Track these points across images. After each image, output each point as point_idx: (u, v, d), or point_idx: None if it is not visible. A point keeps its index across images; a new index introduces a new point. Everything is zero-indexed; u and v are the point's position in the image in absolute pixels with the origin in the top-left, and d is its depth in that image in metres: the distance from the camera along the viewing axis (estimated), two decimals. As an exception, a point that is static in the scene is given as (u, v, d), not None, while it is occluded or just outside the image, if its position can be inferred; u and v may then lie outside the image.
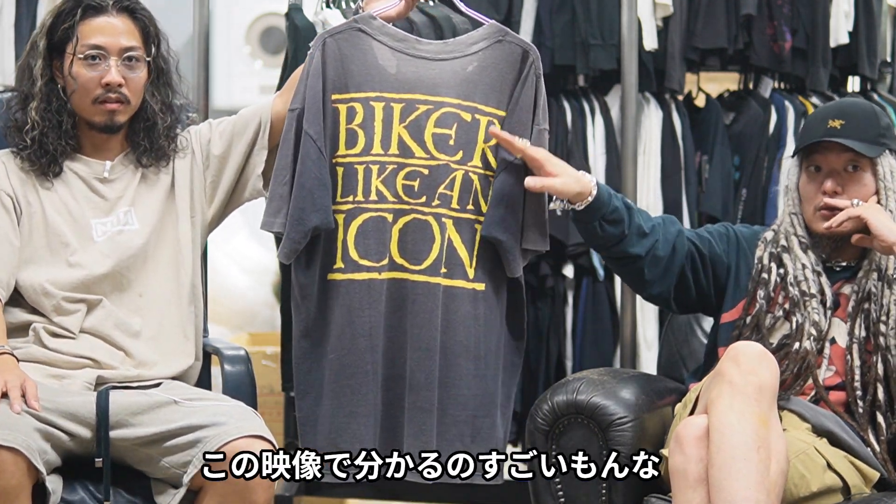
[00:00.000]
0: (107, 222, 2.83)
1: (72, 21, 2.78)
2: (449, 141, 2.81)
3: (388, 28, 2.85)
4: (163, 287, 2.84)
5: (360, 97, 2.82)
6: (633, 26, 3.68)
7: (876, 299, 2.86)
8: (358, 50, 2.83)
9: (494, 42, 2.86)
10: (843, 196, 2.90)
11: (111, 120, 2.82)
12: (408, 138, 2.82)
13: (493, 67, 2.85)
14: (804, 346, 2.84)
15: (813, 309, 2.87)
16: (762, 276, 2.94)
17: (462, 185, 2.82)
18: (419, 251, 2.81)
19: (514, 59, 2.85)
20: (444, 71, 2.84)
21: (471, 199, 2.82)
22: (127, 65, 2.81)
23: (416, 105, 2.82)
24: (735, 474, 2.52)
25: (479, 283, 2.84)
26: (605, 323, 3.83)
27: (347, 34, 2.84)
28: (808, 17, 3.91)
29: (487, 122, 2.83)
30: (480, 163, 2.83)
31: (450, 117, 2.82)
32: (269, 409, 4.29)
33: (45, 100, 2.80)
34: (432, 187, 2.81)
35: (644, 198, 3.84)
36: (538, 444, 2.75)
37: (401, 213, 2.82)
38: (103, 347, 2.76)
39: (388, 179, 2.81)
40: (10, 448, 2.43)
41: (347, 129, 2.82)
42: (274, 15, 5.71)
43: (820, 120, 2.94)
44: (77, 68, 2.79)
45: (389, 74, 2.82)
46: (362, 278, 2.81)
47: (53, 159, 2.81)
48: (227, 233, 5.05)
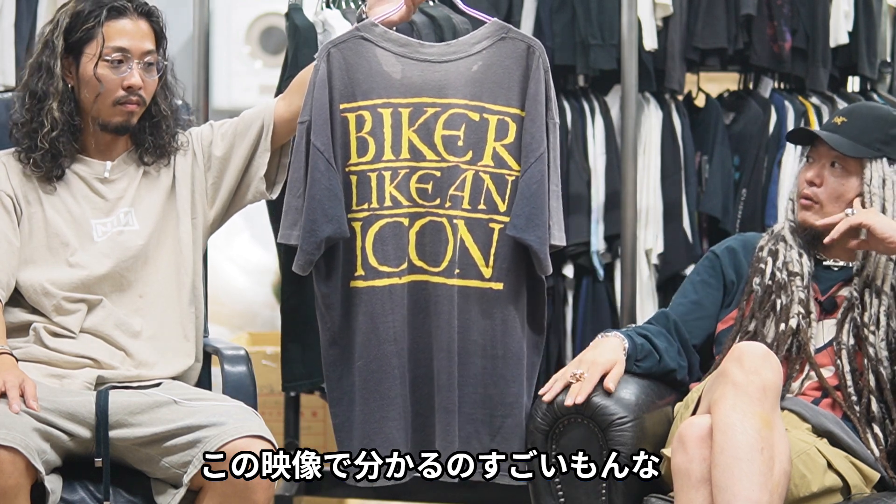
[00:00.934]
0: (107, 223, 2.83)
1: (95, 22, 2.78)
2: (458, 142, 2.82)
3: (391, 34, 2.85)
4: (163, 288, 2.84)
5: (367, 105, 2.82)
6: (633, 26, 3.69)
7: (864, 307, 2.86)
8: (362, 58, 2.83)
9: (498, 40, 2.86)
10: (822, 189, 2.92)
11: (128, 121, 2.83)
12: (418, 142, 2.82)
13: (498, 65, 2.84)
14: (790, 326, 2.85)
15: (797, 287, 2.88)
16: (759, 266, 2.96)
17: (473, 185, 2.82)
18: (437, 253, 2.82)
19: (520, 55, 2.85)
20: (450, 72, 2.84)
21: (482, 199, 2.82)
22: (146, 68, 2.82)
23: (424, 108, 2.82)
24: (738, 475, 2.52)
25: (497, 282, 2.83)
26: (604, 323, 3.83)
27: (351, 43, 2.84)
28: (808, 17, 3.91)
29: (497, 120, 2.83)
30: (492, 161, 2.83)
31: (458, 118, 2.82)
32: (269, 409, 4.29)
33: (63, 101, 2.80)
34: (444, 189, 2.82)
35: (644, 198, 3.84)
36: (538, 444, 2.75)
37: (417, 217, 2.82)
38: (103, 347, 2.77)
39: (402, 184, 2.82)
40: (8, 447, 2.43)
41: (358, 138, 2.82)
42: (274, 15, 5.71)
43: (832, 115, 3.03)
44: (101, 70, 2.79)
45: (395, 80, 2.83)
46: (383, 284, 2.82)
47: (58, 163, 2.81)
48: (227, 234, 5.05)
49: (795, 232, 2.98)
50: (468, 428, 2.83)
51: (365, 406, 2.83)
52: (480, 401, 2.84)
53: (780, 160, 3.84)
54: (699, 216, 3.94)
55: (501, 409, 2.84)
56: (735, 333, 2.91)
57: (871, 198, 2.90)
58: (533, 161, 2.81)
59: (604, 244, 3.88)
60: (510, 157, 2.83)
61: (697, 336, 2.98)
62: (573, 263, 3.89)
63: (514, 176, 2.83)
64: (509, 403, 2.84)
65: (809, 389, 2.85)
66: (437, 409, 2.82)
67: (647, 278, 3.87)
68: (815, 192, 2.94)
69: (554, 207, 2.84)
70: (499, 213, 2.83)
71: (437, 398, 2.82)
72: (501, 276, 2.84)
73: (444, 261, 2.82)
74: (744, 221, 3.88)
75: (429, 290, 2.82)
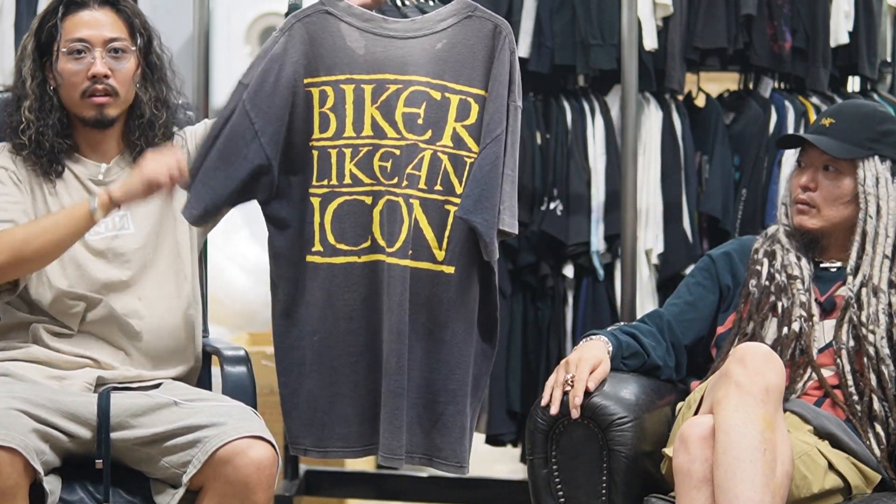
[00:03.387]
0: (101, 223, 2.82)
1: (55, 19, 2.79)
2: (418, 120, 2.79)
3: (355, 9, 2.82)
4: (162, 290, 2.84)
5: (330, 80, 2.81)
6: (633, 26, 3.68)
7: (861, 306, 2.86)
8: (326, 33, 2.81)
9: (464, 18, 2.82)
10: (818, 193, 2.92)
11: (101, 114, 2.81)
12: (380, 119, 2.79)
13: (462, 44, 2.81)
14: (793, 329, 2.85)
15: (798, 291, 2.88)
16: (755, 269, 2.95)
17: (430, 164, 2.79)
18: (392, 233, 2.79)
19: (486, 35, 2.81)
20: (413, 49, 2.80)
21: (439, 180, 2.79)
22: (113, 56, 2.80)
23: (387, 85, 2.80)
24: (741, 476, 2.52)
25: (449, 265, 2.80)
26: (605, 323, 3.82)
27: (315, 17, 2.82)
28: (808, 17, 3.90)
29: (459, 100, 2.80)
30: (451, 142, 2.80)
31: (419, 96, 2.79)
32: (269, 410, 4.27)
33: (38, 99, 2.80)
34: (402, 167, 2.79)
35: (644, 198, 3.84)
36: (538, 444, 2.75)
37: (379, 196, 2.80)
38: (104, 347, 2.77)
39: (363, 162, 2.80)
40: (6, 448, 2.43)
41: (320, 113, 2.80)
42: (274, 15, 5.72)
43: (819, 117, 3.00)
44: (63, 63, 2.79)
45: (358, 55, 2.80)
46: (341, 262, 2.81)
47: (54, 158, 2.81)
48: (226, 233, 5.05)
49: (791, 236, 2.98)
50: (412, 413, 2.82)
51: (319, 380, 2.83)
52: (424, 385, 2.82)
53: (780, 160, 3.84)
54: (699, 216, 3.94)
55: (444, 396, 2.82)
56: (734, 336, 2.92)
57: (866, 197, 2.90)
58: (489, 142, 2.78)
59: (604, 244, 3.88)
60: (470, 139, 2.80)
61: (689, 336, 2.98)
62: (573, 263, 3.89)
63: (473, 158, 2.79)
64: (452, 390, 2.82)
65: (811, 389, 2.85)
66: (384, 392, 2.80)
67: (647, 278, 3.87)
68: (811, 196, 2.94)
69: (507, 192, 2.79)
70: (455, 195, 2.80)
71: (385, 381, 2.80)
72: (454, 259, 2.80)
73: (398, 241, 2.79)
74: (744, 221, 3.88)
75: (384, 271, 2.80)
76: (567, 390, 2.70)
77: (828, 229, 2.93)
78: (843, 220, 2.93)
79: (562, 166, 3.87)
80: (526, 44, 3.88)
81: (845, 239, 2.94)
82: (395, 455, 2.79)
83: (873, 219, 2.89)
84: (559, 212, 3.87)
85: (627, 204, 3.72)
